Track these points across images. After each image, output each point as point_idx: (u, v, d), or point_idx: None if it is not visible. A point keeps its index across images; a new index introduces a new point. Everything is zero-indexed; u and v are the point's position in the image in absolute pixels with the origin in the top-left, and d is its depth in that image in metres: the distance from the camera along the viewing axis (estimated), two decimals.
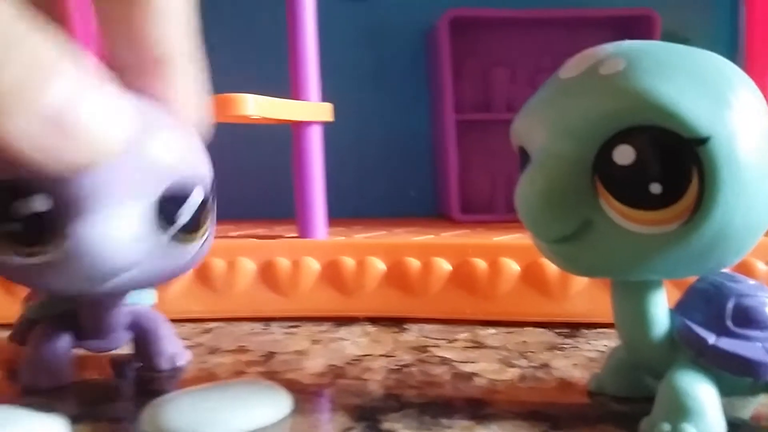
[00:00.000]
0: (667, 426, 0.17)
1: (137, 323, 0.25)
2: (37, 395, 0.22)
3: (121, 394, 0.23)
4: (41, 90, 0.16)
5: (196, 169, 0.20)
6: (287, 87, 0.36)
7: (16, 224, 0.18)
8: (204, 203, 0.20)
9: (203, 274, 0.33)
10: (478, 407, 0.20)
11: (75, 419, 0.19)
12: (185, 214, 0.20)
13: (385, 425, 0.19)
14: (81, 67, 0.17)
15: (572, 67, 0.18)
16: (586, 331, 0.30)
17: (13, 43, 0.15)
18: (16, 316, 0.26)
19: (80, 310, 0.24)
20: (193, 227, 0.20)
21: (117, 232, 0.18)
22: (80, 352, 0.25)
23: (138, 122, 0.18)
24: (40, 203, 0.18)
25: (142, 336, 0.25)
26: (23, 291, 0.28)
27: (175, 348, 0.26)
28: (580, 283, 0.30)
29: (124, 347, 0.25)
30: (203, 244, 0.21)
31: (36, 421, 0.18)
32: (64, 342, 0.24)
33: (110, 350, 0.25)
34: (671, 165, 0.16)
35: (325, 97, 0.37)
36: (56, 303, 0.25)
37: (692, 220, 0.16)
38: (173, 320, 0.32)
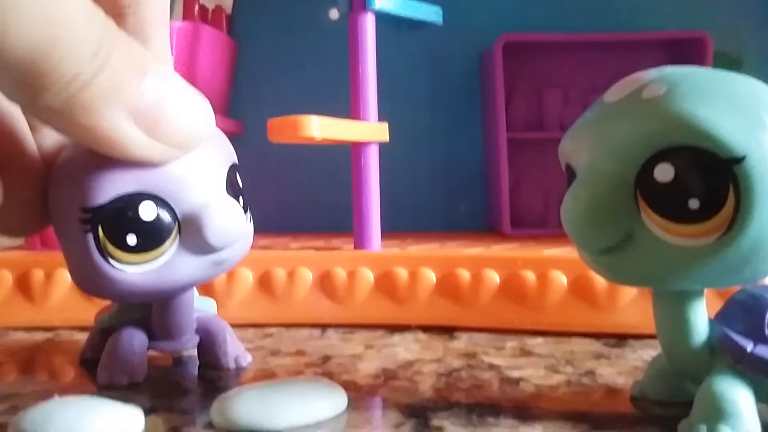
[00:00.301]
0: (703, 428, 0.18)
1: (204, 327, 0.27)
2: (113, 390, 0.24)
3: (191, 390, 0.25)
4: (137, 87, 0.17)
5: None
6: (345, 107, 0.38)
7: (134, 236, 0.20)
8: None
9: (265, 283, 0.35)
10: (523, 409, 0.21)
11: (149, 410, 0.21)
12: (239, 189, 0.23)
13: (435, 422, 0.20)
14: (163, 62, 0.18)
15: (616, 91, 0.19)
16: (633, 341, 0.30)
17: (108, 45, 0.17)
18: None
19: (154, 313, 0.26)
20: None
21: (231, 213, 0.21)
22: (151, 353, 0.26)
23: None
24: (151, 208, 0.20)
25: (209, 339, 0.27)
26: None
27: (238, 350, 0.28)
28: (628, 295, 0.31)
29: (192, 351, 0.27)
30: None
31: (113, 409, 0.20)
32: (139, 341, 0.26)
33: (181, 351, 0.28)
34: (709, 182, 0.17)
35: (382, 118, 0.38)
36: (127, 311, 0.27)
37: (729, 234, 0.17)
38: (236, 326, 0.34)
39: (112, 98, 0.17)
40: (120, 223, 0.20)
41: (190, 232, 0.21)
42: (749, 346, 0.18)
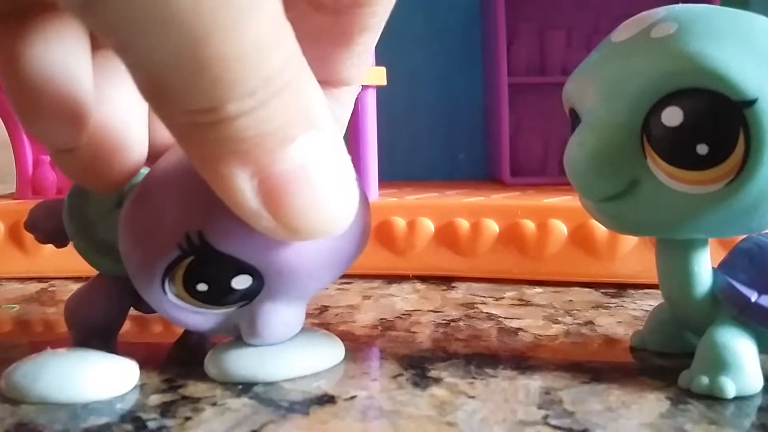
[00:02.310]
0: (705, 379, 0.18)
1: None
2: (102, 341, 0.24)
3: (186, 341, 0.24)
4: (282, 148, 0.13)
5: None
6: None
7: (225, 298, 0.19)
8: None
9: None
10: (522, 359, 0.21)
11: (143, 362, 0.21)
12: None
13: (433, 373, 0.20)
14: (332, 121, 0.14)
15: (624, 31, 0.18)
16: (632, 291, 0.30)
17: (284, 79, 0.13)
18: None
19: None
20: None
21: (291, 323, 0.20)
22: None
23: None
24: (246, 282, 0.18)
25: None
26: None
27: None
28: (627, 244, 0.31)
29: None
30: None
31: (107, 361, 0.19)
32: (116, 301, 0.23)
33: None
34: (718, 126, 0.16)
35: (379, 61, 0.37)
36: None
37: (737, 181, 0.16)
38: None
39: (245, 151, 0.13)
40: (208, 273, 0.18)
41: (249, 320, 0.19)
42: (753, 296, 0.18)
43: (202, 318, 0.20)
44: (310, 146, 0.14)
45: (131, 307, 0.23)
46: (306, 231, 0.14)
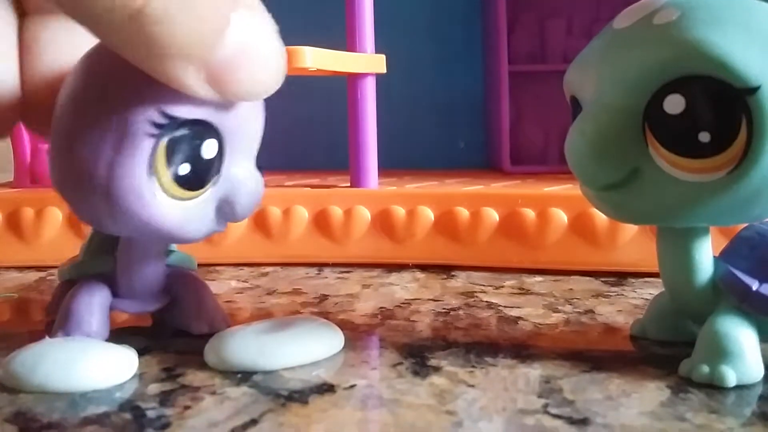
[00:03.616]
0: (706, 368, 0.17)
1: (176, 286, 0.23)
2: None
3: (185, 330, 0.24)
4: (220, 37, 0.16)
5: None
6: (341, 39, 0.36)
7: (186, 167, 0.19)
8: None
9: (260, 222, 0.35)
10: (521, 348, 0.21)
11: (143, 351, 0.21)
12: None
13: (432, 362, 0.20)
14: (252, 7, 0.16)
15: (626, 17, 0.18)
16: (632, 280, 0.30)
17: None
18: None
19: (119, 269, 0.22)
20: None
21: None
22: None
23: None
24: (213, 148, 0.19)
25: (181, 300, 0.23)
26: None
27: (214, 314, 0.24)
28: (628, 233, 0.31)
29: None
30: None
31: (106, 350, 0.19)
32: (100, 297, 0.22)
33: (146, 312, 0.24)
34: (721, 114, 0.16)
35: (379, 49, 0.37)
36: (91, 263, 0.24)
37: (739, 169, 0.16)
38: (232, 264, 0.34)
39: (188, 50, 0.15)
40: (185, 147, 0.18)
41: (226, 192, 0.20)
42: (754, 285, 0.18)
43: (189, 215, 0.19)
44: (242, 26, 0.16)
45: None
46: (248, 95, 0.17)
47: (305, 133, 0.52)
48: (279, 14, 0.17)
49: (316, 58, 0.31)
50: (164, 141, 0.18)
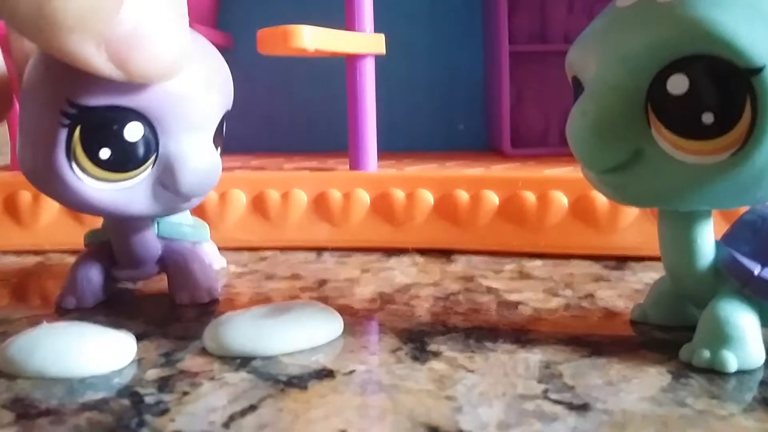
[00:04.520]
0: (706, 353, 0.17)
1: (172, 257, 0.25)
2: (103, 315, 0.24)
3: (184, 315, 0.24)
4: (115, 12, 0.16)
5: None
6: (340, 20, 0.36)
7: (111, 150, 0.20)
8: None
9: (258, 205, 0.35)
10: (521, 333, 0.21)
11: (141, 336, 0.21)
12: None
13: (432, 347, 0.20)
14: None
15: None
16: (633, 264, 0.30)
17: None
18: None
19: (112, 239, 0.25)
20: None
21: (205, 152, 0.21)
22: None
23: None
24: (139, 131, 0.20)
25: (173, 271, 0.25)
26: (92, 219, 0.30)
27: (203, 284, 0.25)
28: (628, 216, 0.30)
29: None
30: None
31: (104, 335, 0.19)
32: (98, 266, 0.25)
33: (140, 279, 0.27)
34: (724, 94, 0.16)
35: (377, 30, 0.37)
36: (100, 232, 0.26)
37: (743, 150, 0.16)
38: (230, 248, 0.34)
39: (83, 23, 0.16)
40: (101, 133, 0.19)
41: (166, 171, 0.20)
42: (756, 269, 0.18)
43: (129, 194, 0.20)
44: (139, 3, 0.16)
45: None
46: (151, 77, 0.18)
47: (304, 115, 0.52)
48: None
49: (315, 37, 0.31)
50: (78, 129, 0.19)
